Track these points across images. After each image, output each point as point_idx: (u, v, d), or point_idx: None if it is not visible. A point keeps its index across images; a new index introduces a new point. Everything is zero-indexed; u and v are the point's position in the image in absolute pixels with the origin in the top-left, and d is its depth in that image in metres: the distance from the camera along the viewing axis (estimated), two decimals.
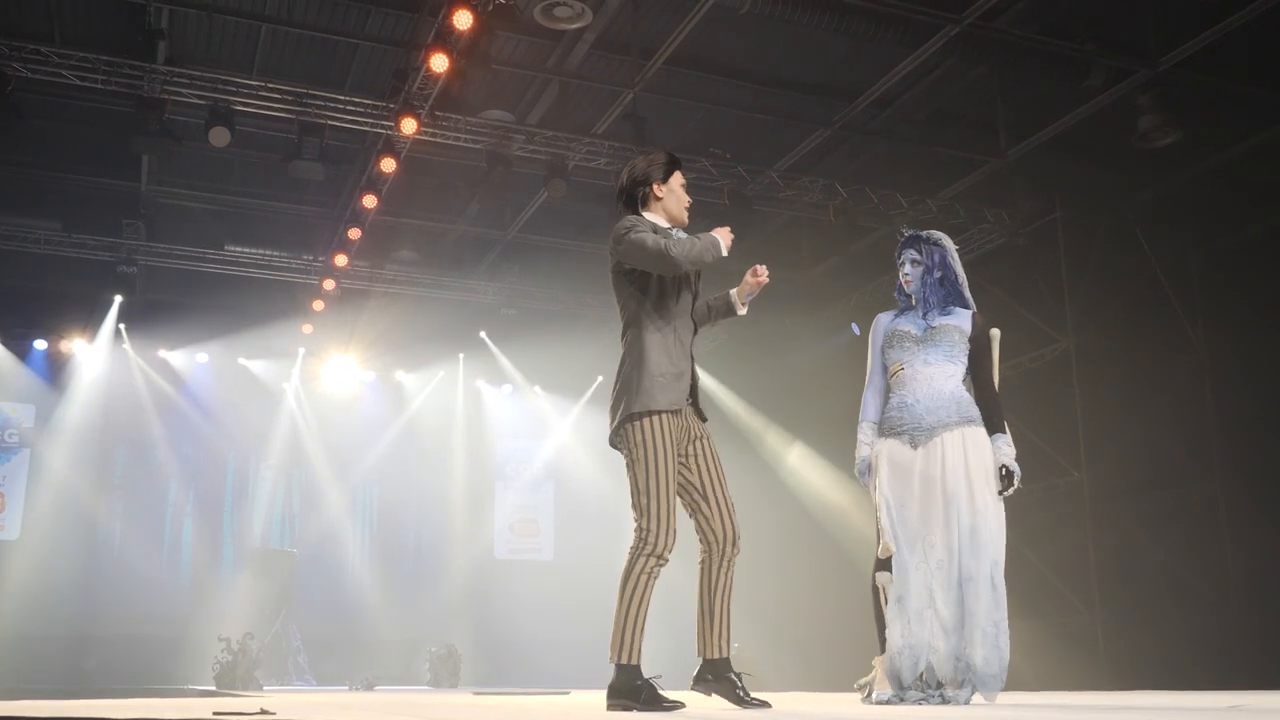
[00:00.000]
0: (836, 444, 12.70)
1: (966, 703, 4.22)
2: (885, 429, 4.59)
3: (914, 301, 4.72)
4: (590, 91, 10.85)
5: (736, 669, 4.17)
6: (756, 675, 6.46)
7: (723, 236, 4.19)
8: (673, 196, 4.36)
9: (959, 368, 4.59)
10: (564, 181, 10.81)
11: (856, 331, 13.60)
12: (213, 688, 11.13)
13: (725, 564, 4.18)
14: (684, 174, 4.46)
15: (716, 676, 4.13)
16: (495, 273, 14.28)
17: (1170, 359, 10.93)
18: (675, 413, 4.14)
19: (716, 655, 4.14)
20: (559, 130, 10.76)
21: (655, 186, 4.34)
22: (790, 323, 14.67)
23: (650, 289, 4.24)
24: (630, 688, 3.96)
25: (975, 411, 4.52)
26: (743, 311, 4.51)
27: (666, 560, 4.06)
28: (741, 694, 4.11)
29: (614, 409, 4.20)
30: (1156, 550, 10.61)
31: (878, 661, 4.45)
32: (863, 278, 13.54)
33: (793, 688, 11.55)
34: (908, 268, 4.74)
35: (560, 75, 10.59)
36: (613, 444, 4.23)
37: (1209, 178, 10.96)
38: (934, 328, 4.58)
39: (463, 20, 8.12)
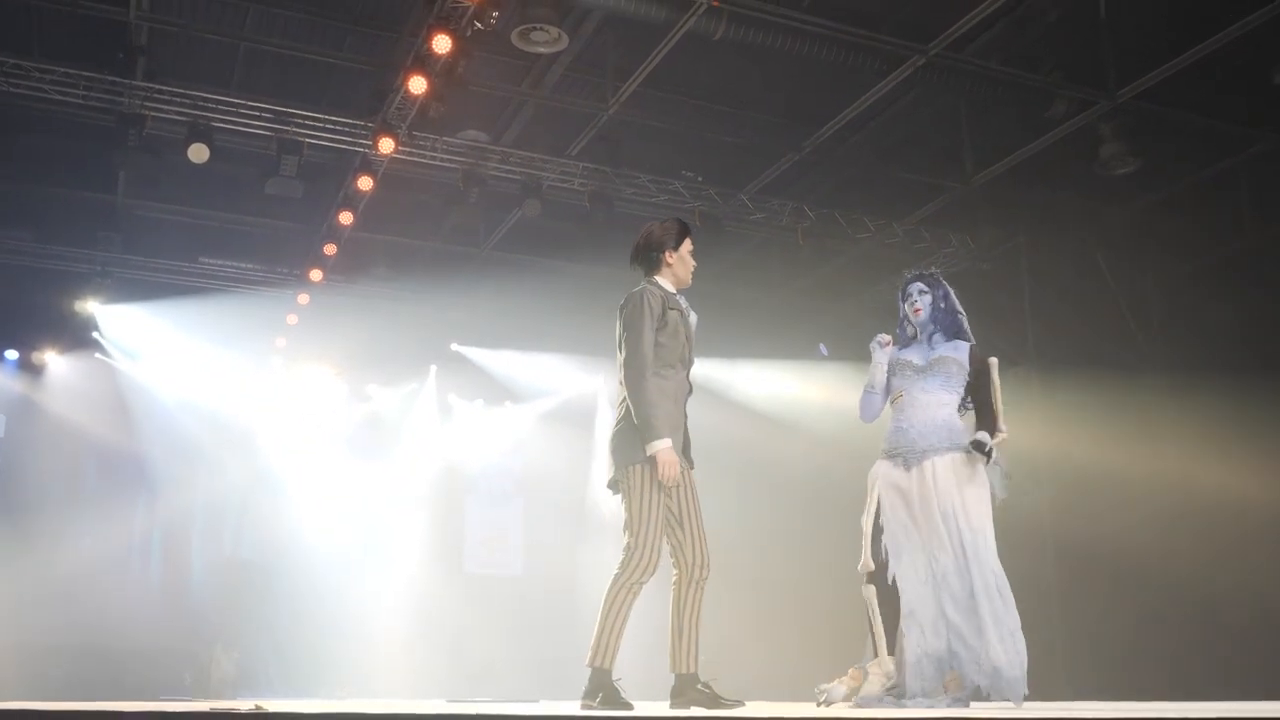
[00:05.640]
0: (808, 468, 12.95)
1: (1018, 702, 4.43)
2: (884, 451, 4.93)
3: (917, 334, 5.00)
4: (565, 113, 11.00)
5: (703, 678, 4.41)
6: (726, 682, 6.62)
7: (663, 459, 4.36)
8: (682, 263, 4.72)
9: (955, 397, 4.92)
10: (538, 201, 10.95)
11: (824, 353, 13.77)
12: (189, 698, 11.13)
13: (695, 586, 4.47)
14: (692, 240, 4.81)
15: (689, 689, 4.37)
16: (469, 289, 14.35)
17: (1130, 383, 11.16)
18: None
19: (685, 670, 4.39)
20: (534, 151, 10.91)
21: (668, 254, 4.70)
22: (761, 343, 14.83)
23: (659, 351, 4.52)
24: (595, 687, 4.26)
25: (965, 439, 4.82)
26: None
27: (645, 583, 4.39)
28: (714, 697, 4.35)
29: (615, 452, 4.48)
30: (1117, 569, 10.81)
31: (876, 666, 4.67)
32: (830, 299, 13.74)
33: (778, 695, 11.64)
34: (916, 297, 4.99)
35: (535, 97, 10.75)
36: (611, 487, 4.52)
37: (1167, 206, 11.24)
38: (934, 359, 4.85)
39: (442, 44, 8.24)
